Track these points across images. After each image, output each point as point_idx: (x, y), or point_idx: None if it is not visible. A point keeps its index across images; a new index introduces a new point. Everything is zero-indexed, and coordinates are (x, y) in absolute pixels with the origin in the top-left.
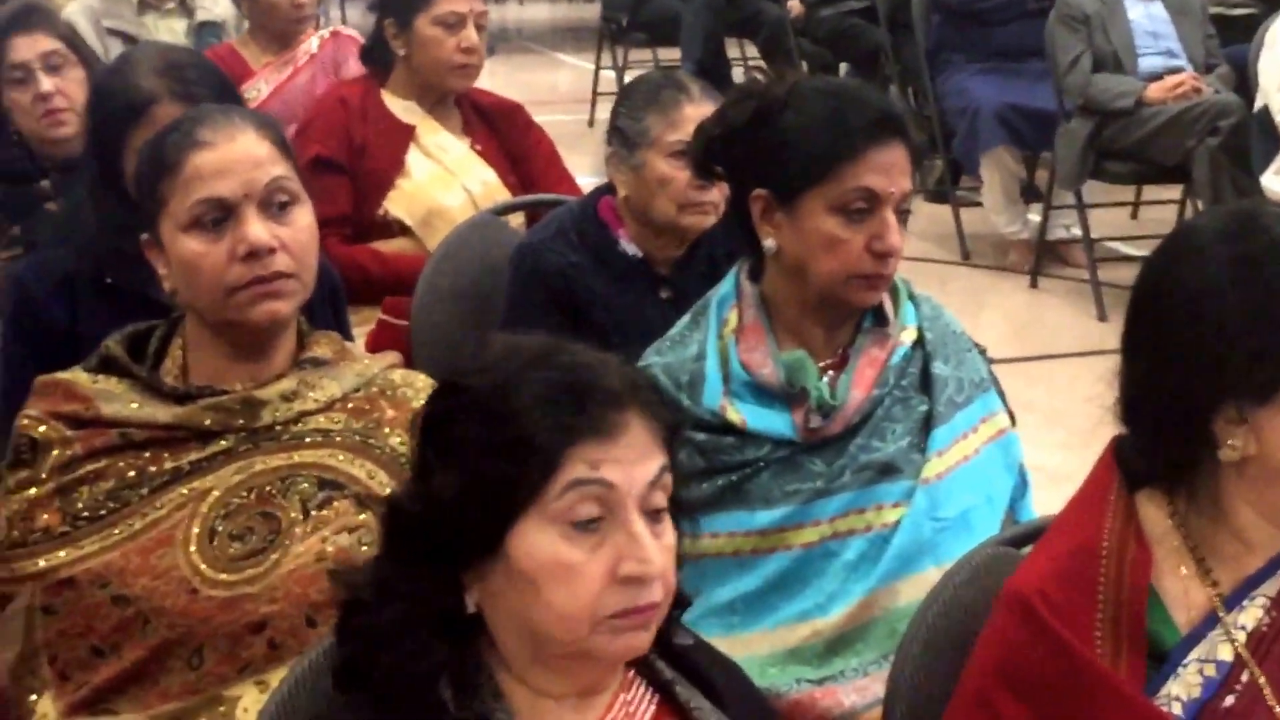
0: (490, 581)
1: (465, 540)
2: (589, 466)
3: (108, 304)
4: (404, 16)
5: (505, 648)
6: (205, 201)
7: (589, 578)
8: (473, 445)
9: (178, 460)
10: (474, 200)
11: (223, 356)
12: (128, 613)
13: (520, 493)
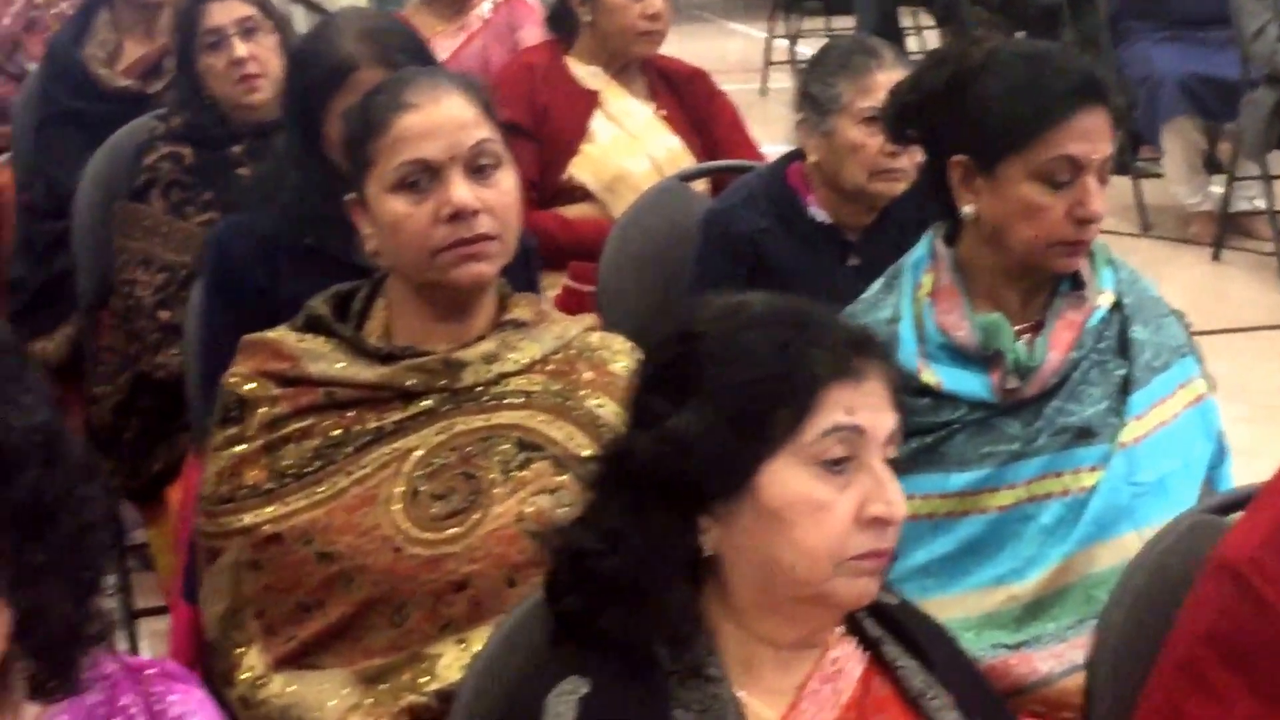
0: (732, 521)
1: (711, 480)
2: (844, 411)
3: (306, 266)
4: None
5: (737, 591)
6: (411, 163)
7: (838, 516)
8: (723, 386)
9: (381, 420)
10: (658, 166)
11: (425, 317)
12: (332, 569)
13: (775, 431)
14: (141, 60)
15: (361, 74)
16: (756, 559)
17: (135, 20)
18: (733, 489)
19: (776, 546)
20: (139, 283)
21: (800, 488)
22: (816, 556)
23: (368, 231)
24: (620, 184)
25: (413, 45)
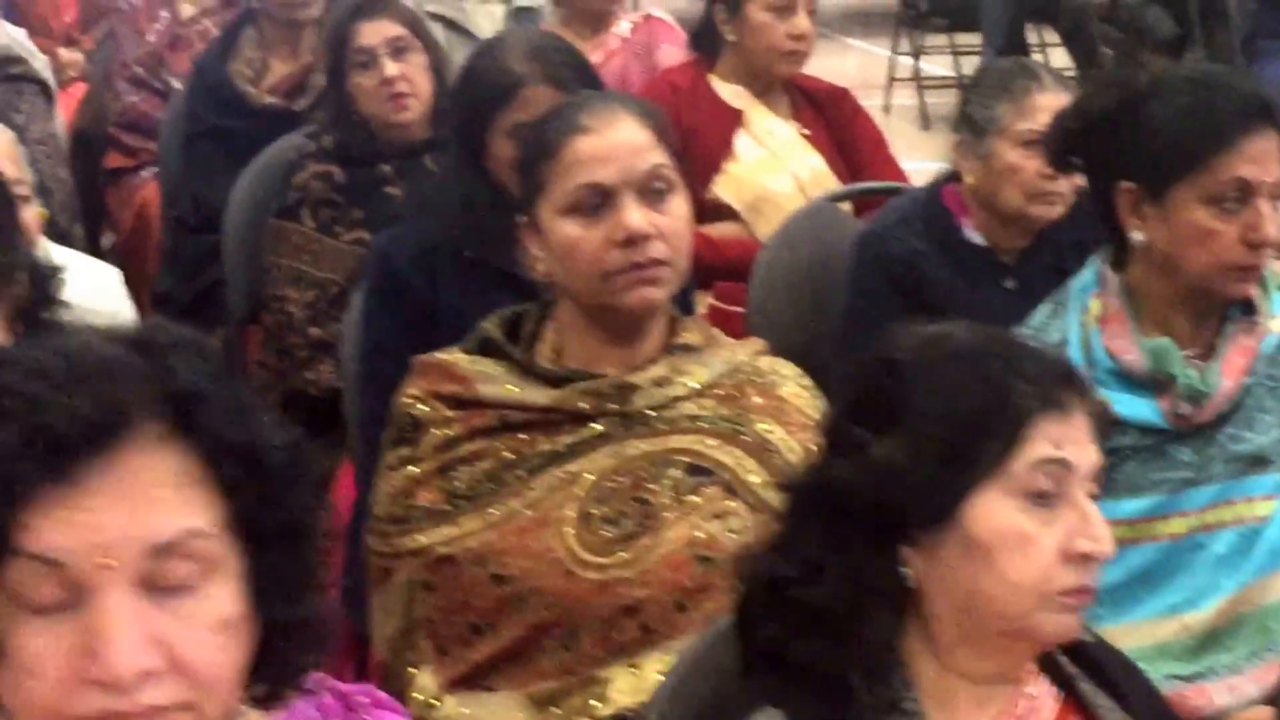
0: (935, 552)
1: (915, 511)
2: (1052, 444)
3: (467, 277)
4: (735, 2)
5: (936, 623)
6: (585, 187)
7: (1044, 550)
8: (930, 417)
9: (553, 443)
10: (801, 186)
11: (596, 341)
12: (505, 592)
13: (983, 462)
14: (287, 78)
15: (528, 91)
16: (959, 591)
17: (280, 38)
18: (937, 519)
19: (981, 579)
20: (290, 299)
21: (1007, 520)
22: (1022, 590)
23: (538, 254)
24: (764, 203)
25: (578, 63)
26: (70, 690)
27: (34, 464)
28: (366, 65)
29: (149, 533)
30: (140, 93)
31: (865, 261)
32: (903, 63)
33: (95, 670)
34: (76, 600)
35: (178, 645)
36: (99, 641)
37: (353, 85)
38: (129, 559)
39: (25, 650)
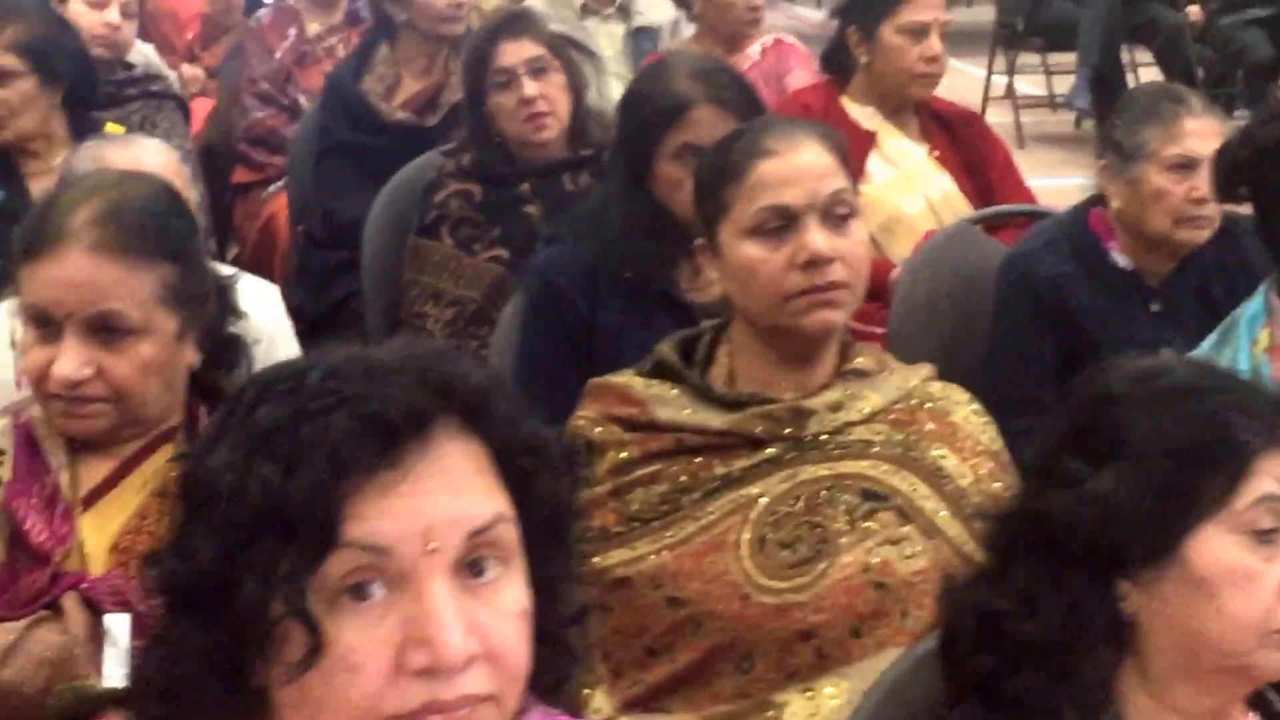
0: (1154, 587)
1: (1135, 545)
2: (1275, 480)
3: (626, 298)
4: (868, 24)
5: (1153, 658)
6: (769, 209)
7: (1266, 588)
8: (1150, 451)
9: (728, 466)
10: (933, 207)
11: (770, 364)
12: (681, 615)
13: (1205, 498)
14: (419, 94)
15: (695, 112)
16: (1179, 627)
17: (415, 54)
18: (1158, 555)
19: (1202, 615)
20: (429, 316)
21: (1230, 557)
22: (1244, 628)
23: (714, 276)
24: (896, 224)
25: (743, 85)
26: (390, 683)
27: (368, 449)
28: (506, 85)
29: (468, 517)
30: (267, 108)
31: (1011, 284)
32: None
33: (423, 658)
34: (397, 589)
35: (490, 633)
36: (430, 628)
37: (492, 105)
38: (450, 544)
39: (343, 644)
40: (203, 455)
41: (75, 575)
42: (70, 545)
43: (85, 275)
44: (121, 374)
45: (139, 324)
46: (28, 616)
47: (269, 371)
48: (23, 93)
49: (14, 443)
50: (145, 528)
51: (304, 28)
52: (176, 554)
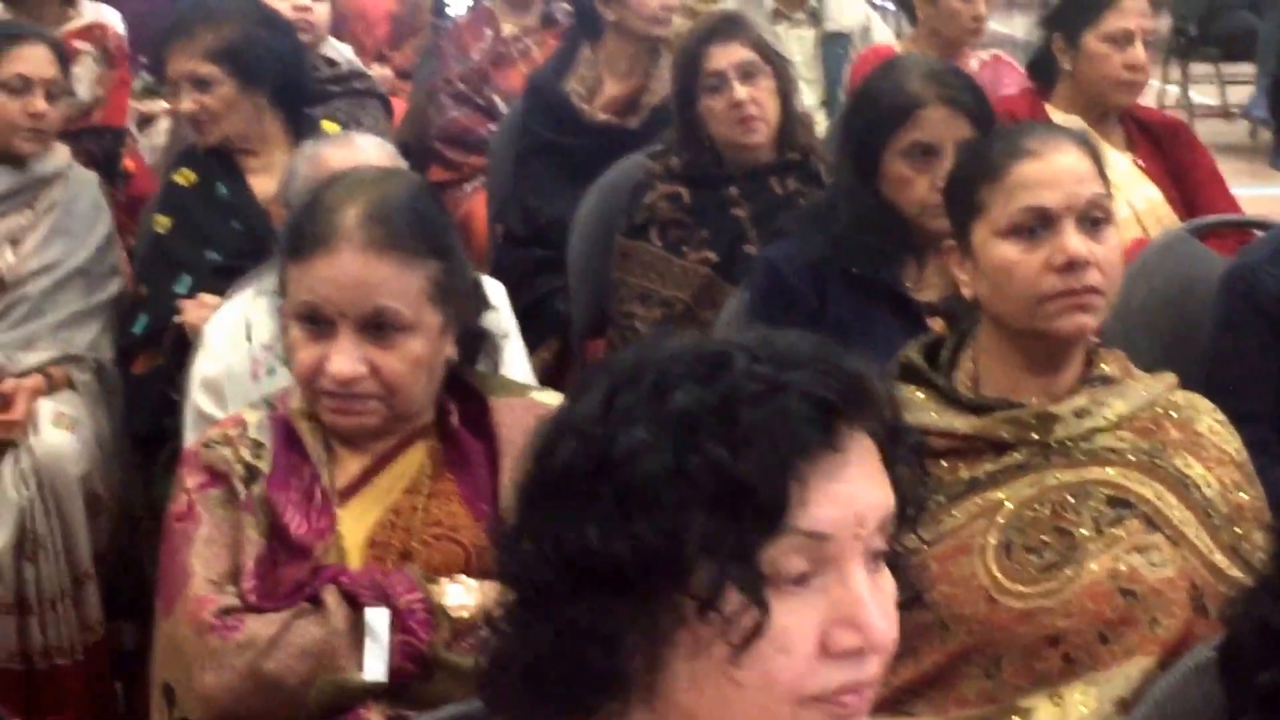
0: None
1: None
2: None
3: (853, 294)
4: (1073, 32)
5: None
6: (1028, 210)
7: None
8: None
9: (973, 470)
10: (1138, 217)
11: (1016, 368)
12: (927, 617)
13: None
14: (621, 96)
15: (926, 111)
16: None
17: (617, 57)
18: None
19: None
20: (637, 316)
21: None
22: None
23: (963, 277)
24: None
25: (974, 88)
26: (813, 665)
27: (817, 432)
28: (717, 88)
29: (885, 505)
30: (463, 108)
31: (1235, 297)
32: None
33: (852, 640)
34: (823, 572)
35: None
36: (860, 611)
37: (702, 108)
38: (869, 530)
39: (777, 625)
40: (593, 440)
41: (335, 568)
42: (329, 539)
43: (359, 273)
44: (394, 371)
45: (410, 321)
46: (288, 608)
47: (657, 356)
48: (223, 97)
49: (272, 437)
50: (400, 523)
51: (500, 29)
52: (561, 536)
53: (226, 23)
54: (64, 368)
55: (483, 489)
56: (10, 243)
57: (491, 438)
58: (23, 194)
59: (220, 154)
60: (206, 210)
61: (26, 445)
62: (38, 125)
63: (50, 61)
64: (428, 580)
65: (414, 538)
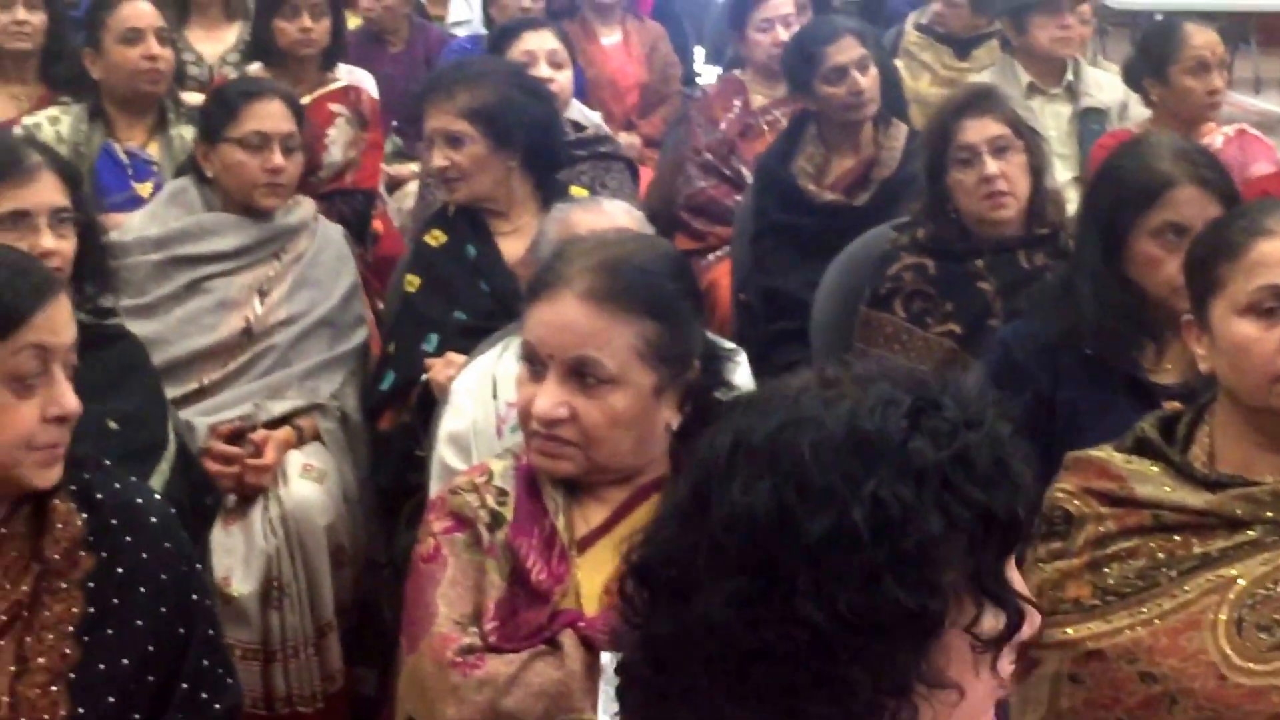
0: None
1: None
2: None
3: (1088, 377)
4: None
5: None
6: (1268, 288)
7: None
8: None
9: (1205, 546)
10: None
11: (1253, 445)
12: (1154, 691)
13: None
14: (847, 173)
15: (1177, 192)
16: None
17: (841, 136)
18: None
19: None
20: None
21: None
22: None
23: (1201, 352)
24: None
25: (1221, 168)
26: None
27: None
28: (968, 162)
29: None
30: (710, 178)
31: None
32: None
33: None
34: None
35: None
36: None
37: (952, 180)
38: None
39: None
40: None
41: (572, 613)
42: (567, 585)
43: (570, 319)
44: (591, 420)
45: (613, 374)
46: (527, 650)
47: (853, 418)
48: (474, 155)
49: (516, 485)
50: None
51: (749, 100)
52: (833, 597)
53: (484, 84)
54: (312, 419)
55: None
56: (258, 293)
57: None
58: (269, 245)
59: (471, 216)
60: (455, 270)
61: (275, 495)
62: (275, 180)
63: (286, 116)
64: None
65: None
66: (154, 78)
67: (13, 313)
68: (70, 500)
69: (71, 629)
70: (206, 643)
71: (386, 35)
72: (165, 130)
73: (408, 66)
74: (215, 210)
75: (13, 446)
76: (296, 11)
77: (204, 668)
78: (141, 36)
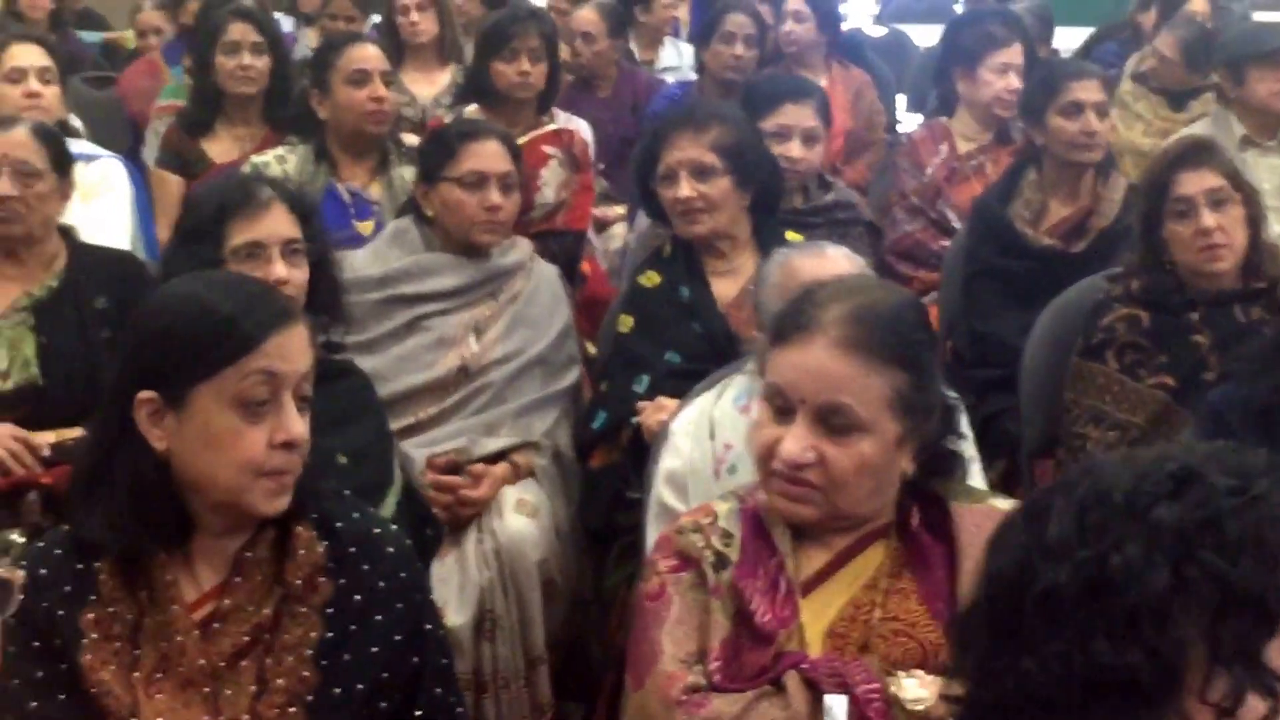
0: None
1: None
2: None
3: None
4: None
5: None
6: None
7: None
8: None
9: None
10: None
11: None
12: None
13: None
14: (1065, 220)
15: None
16: None
17: (1059, 180)
18: None
19: None
20: (1089, 438)
21: None
22: None
23: None
24: None
25: None
26: None
27: None
28: (1184, 214)
29: None
30: (917, 222)
31: None
32: None
33: None
34: None
35: None
36: None
37: (1168, 232)
38: None
39: None
40: (1082, 562)
41: (797, 655)
42: (792, 628)
43: (825, 366)
44: (840, 467)
45: (865, 422)
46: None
47: (1119, 476)
48: (720, 189)
49: (741, 526)
50: (860, 617)
51: (955, 145)
52: (1068, 653)
53: (733, 123)
54: (526, 455)
55: (940, 589)
56: (474, 332)
57: (951, 541)
58: (486, 285)
59: (687, 257)
60: (669, 312)
61: (490, 529)
62: (493, 218)
63: (503, 156)
64: (885, 672)
65: (873, 632)
66: (379, 118)
67: (243, 338)
68: (312, 528)
69: (310, 653)
70: (439, 671)
71: (595, 80)
72: (387, 171)
73: (615, 111)
74: (435, 249)
75: (240, 471)
76: (515, 55)
77: (437, 696)
78: (368, 78)
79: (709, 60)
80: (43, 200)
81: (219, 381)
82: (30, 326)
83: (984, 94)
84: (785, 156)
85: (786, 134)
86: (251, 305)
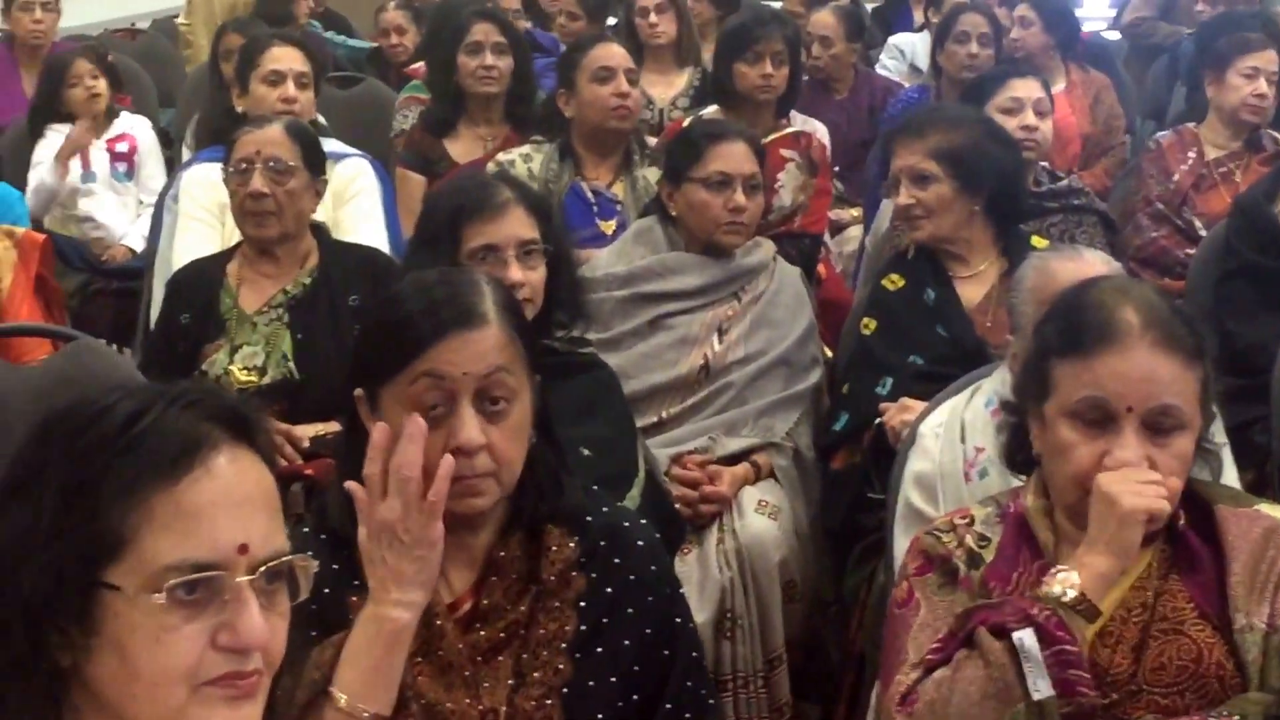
0: None
1: None
2: None
3: None
4: None
5: None
6: None
7: None
8: None
9: None
10: None
11: None
12: None
13: None
14: None
15: None
16: None
17: None
18: None
19: None
20: None
21: None
22: None
23: None
24: None
25: None
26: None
27: None
28: None
29: None
30: (1162, 229)
31: None
32: None
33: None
34: None
35: None
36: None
37: None
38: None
39: None
40: None
41: (978, 611)
42: None
43: (1154, 369)
44: (1170, 469)
45: (1188, 419)
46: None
47: None
48: (939, 195)
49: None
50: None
51: (1203, 151)
52: None
53: (956, 129)
54: (767, 456)
55: (1209, 592)
56: (717, 332)
57: (1218, 543)
58: (729, 285)
59: (930, 260)
60: (913, 315)
61: (731, 528)
62: (738, 219)
63: (748, 158)
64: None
65: (1145, 633)
66: (623, 114)
67: (413, 342)
68: (562, 524)
69: (564, 646)
70: (690, 664)
71: (832, 83)
72: (630, 171)
73: (851, 114)
74: (679, 249)
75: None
76: (759, 58)
77: (688, 688)
78: (613, 75)
79: (944, 61)
80: (295, 197)
81: (395, 385)
82: (286, 323)
83: (1231, 98)
84: (1022, 126)
85: (1019, 106)
86: (432, 308)
